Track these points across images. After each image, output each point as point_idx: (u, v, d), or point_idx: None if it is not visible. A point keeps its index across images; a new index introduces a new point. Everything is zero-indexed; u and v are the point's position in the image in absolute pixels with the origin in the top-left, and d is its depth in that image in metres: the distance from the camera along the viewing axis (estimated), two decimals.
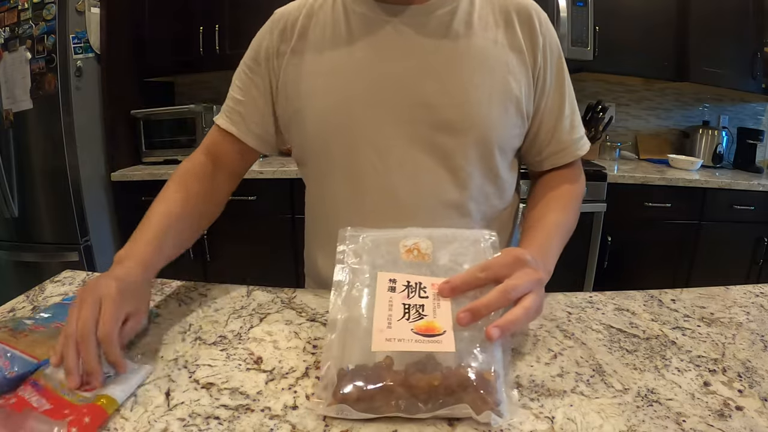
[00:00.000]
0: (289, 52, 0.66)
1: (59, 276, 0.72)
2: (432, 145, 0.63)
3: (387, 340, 0.39)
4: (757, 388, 0.43)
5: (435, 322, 0.40)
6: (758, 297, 0.63)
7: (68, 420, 0.36)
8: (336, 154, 0.65)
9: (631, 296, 0.63)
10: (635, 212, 2.00)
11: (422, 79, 0.61)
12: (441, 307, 0.42)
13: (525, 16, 0.64)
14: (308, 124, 0.66)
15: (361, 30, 0.63)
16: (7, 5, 1.89)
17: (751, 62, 2.20)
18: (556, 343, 0.52)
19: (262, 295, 0.64)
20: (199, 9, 2.09)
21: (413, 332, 0.39)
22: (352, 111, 0.63)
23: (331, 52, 0.64)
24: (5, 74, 1.91)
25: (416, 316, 0.41)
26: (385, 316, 0.41)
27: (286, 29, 0.67)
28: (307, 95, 0.65)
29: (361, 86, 0.62)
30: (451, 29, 0.62)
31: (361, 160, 0.64)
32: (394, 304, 0.42)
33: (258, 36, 0.70)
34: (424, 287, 0.44)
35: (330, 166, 0.66)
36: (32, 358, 0.44)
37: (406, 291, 0.43)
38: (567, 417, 0.39)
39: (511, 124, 0.65)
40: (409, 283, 0.44)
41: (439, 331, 0.39)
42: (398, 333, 0.39)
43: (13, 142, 1.93)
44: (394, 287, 0.44)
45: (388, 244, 0.49)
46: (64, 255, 1.98)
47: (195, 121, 2.10)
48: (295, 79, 0.66)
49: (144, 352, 0.51)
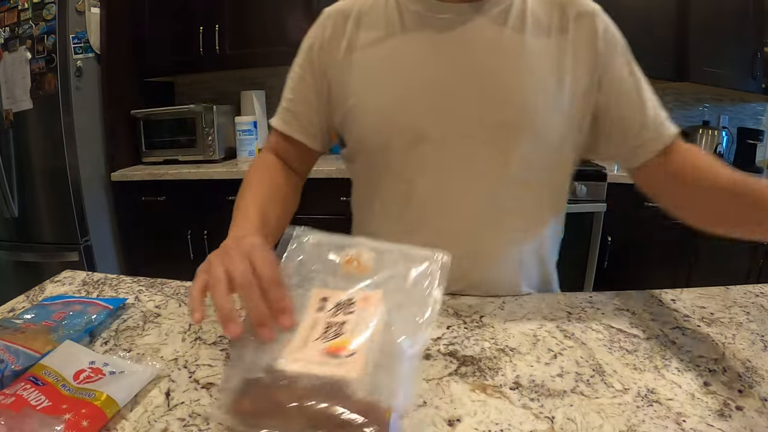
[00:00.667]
0: (343, 50, 0.66)
1: (59, 276, 0.72)
2: (490, 143, 0.62)
3: (295, 360, 0.38)
4: (757, 388, 0.43)
5: (350, 340, 0.39)
6: (758, 297, 0.63)
7: (66, 418, 0.36)
8: (393, 149, 0.64)
9: (631, 296, 0.63)
10: (635, 212, 2.00)
11: (479, 78, 0.61)
12: (364, 322, 0.41)
13: (580, 14, 0.61)
14: (365, 120, 0.65)
15: (416, 28, 0.62)
16: (7, 5, 1.89)
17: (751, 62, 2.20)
18: (556, 343, 0.52)
19: None
20: (199, 9, 2.09)
21: (324, 352, 0.38)
22: (409, 108, 0.62)
23: (387, 49, 0.63)
24: (5, 74, 1.91)
25: (334, 334, 0.40)
26: (305, 336, 0.40)
27: (337, 26, 0.66)
28: (363, 92, 0.65)
29: (417, 84, 0.62)
30: (506, 28, 0.61)
31: (417, 157, 0.63)
32: (318, 324, 0.41)
33: (309, 34, 0.70)
34: (353, 302, 0.43)
35: (386, 162, 0.66)
36: (34, 352, 0.45)
37: (334, 309, 0.42)
38: (567, 417, 0.39)
39: (566, 127, 0.63)
40: (340, 301, 0.43)
41: (350, 351, 0.38)
42: (310, 353, 0.38)
43: (13, 142, 1.93)
44: (323, 306, 0.43)
45: (331, 251, 0.48)
46: (64, 255, 1.98)
47: (195, 121, 2.10)
48: (349, 76, 0.65)
49: (144, 352, 0.51)
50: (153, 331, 0.55)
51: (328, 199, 1.68)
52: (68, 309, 0.56)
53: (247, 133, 2.10)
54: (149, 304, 0.63)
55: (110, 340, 0.53)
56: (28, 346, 0.45)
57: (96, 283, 0.70)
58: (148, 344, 0.52)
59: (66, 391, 0.40)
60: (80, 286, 0.69)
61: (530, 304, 0.61)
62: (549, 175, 0.66)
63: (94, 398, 0.39)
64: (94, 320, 0.55)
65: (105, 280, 0.71)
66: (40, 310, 0.55)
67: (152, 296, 0.65)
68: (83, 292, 0.67)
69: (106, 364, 0.45)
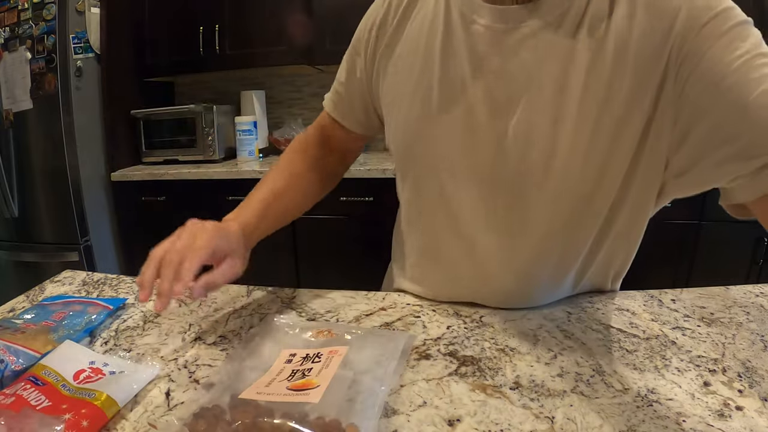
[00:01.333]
0: (388, 37, 0.58)
1: (59, 276, 0.72)
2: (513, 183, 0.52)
3: (258, 393, 0.39)
4: (757, 388, 0.43)
5: (314, 380, 0.40)
6: (758, 297, 0.63)
7: (66, 418, 0.36)
8: (413, 163, 0.60)
9: (631, 296, 0.63)
10: None
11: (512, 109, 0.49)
12: (329, 368, 0.42)
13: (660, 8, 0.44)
14: (394, 123, 0.60)
15: (458, 35, 0.52)
16: (7, 5, 1.89)
17: None
18: (556, 343, 0.52)
19: (262, 295, 0.64)
20: (199, 9, 2.09)
21: (287, 388, 0.39)
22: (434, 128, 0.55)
23: (424, 55, 0.54)
24: (5, 74, 1.91)
25: (300, 376, 0.41)
26: (270, 378, 0.41)
27: (390, 6, 0.58)
28: (396, 94, 0.59)
29: (448, 105, 0.53)
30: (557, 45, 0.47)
31: (431, 182, 0.58)
32: (284, 371, 0.42)
33: (370, 11, 0.61)
34: (320, 354, 0.44)
35: (406, 171, 0.62)
36: (34, 352, 0.45)
37: (302, 360, 0.44)
38: (567, 417, 0.39)
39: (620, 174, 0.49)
40: (308, 355, 0.45)
41: (313, 386, 0.39)
42: (272, 389, 0.39)
43: (13, 142, 1.93)
44: (291, 359, 0.44)
45: (307, 330, 0.51)
46: (64, 255, 1.98)
47: (195, 121, 2.10)
48: (387, 71, 0.59)
49: (144, 352, 0.51)
50: (153, 331, 0.55)
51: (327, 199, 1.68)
52: (68, 309, 0.56)
53: (247, 133, 2.10)
54: (149, 304, 0.63)
55: (110, 340, 0.53)
56: (28, 346, 0.45)
57: (96, 283, 0.70)
58: (148, 344, 0.52)
59: (66, 391, 0.40)
60: (80, 286, 0.69)
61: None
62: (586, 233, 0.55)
63: (94, 398, 0.39)
64: (94, 320, 0.55)
65: (105, 280, 0.71)
66: (40, 310, 0.55)
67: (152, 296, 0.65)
68: (83, 292, 0.67)
69: (106, 364, 0.45)
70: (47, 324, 0.52)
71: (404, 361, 0.47)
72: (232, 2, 2.06)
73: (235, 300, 0.63)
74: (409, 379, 0.45)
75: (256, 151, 2.13)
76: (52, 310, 0.55)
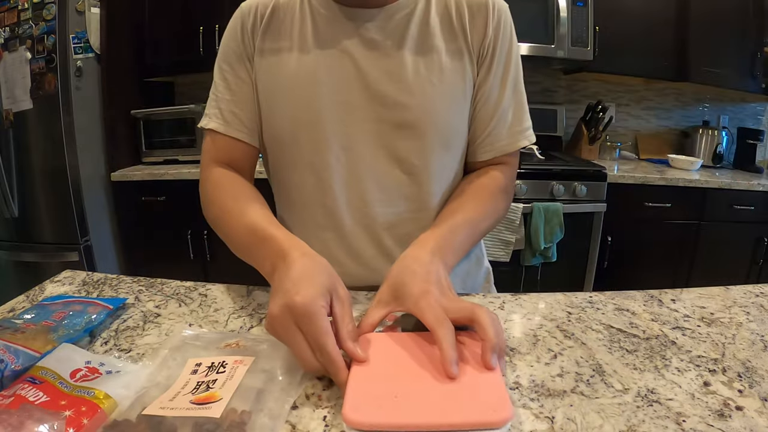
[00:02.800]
0: (257, 48, 0.67)
1: (59, 276, 0.72)
2: (393, 143, 0.66)
3: (161, 408, 0.38)
4: (757, 388, 0.43)
5: (217, 393, 0.40)
6: (758, 297, 0.63)
7: (66, 415, 0.36)
8: (304, 148, 0.67)
9: (631, 296, 0.63)
10: (635, 212, 2.00)
11: (384, 80, 0.64)
12: (233, 379, 0.42)
13: (477, 8, 0.66)
14: (277, 119, 0.68)
15: (327, 31, 0.65)
16: (7, 5, 1.89)
17: (751, 62, 2.20)
18: (556, 343, 0.52)
19: (262, 295, 0.64)
20: (199, 9, 2.09)
21: (190, 402, 0.39)
22: (320, 110, 0.65)
23: (298, 51, 0.65)
24: (5, 74, 1.91)
25: (204, 388, 0.41)
26: (175, 392, 0.41)
27: (256, 18, 0.67)
28: (276, 92, 0.67)
29: (329, 85, 0.65)
30: (409, 31, 0.65)
31: (327, 154, 0.66)
32: (189, 383, 0.42)
33: (228, 29, 0.70)
34: (225, 364, 0.44)
35: (298, 158, 0.68)
36: (34, 352, 0.45)
37: (207, 370, 0.44)
38: (567, 417, 0.39)
39: (464, 122, 0.69)
40: (213, 363, 0.44)
41: (216, 399, 0.39)
42: (176, 404, 0.39)
43: (13, 142, 1.93)
44: (197, 370, 0.44)
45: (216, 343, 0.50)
46: (64, 255, 1.98)
47: (195, 121, 2.10)
48: (263, 76, 0.67)
49: (144, 352, 0.51)
50: (153, 331, 0.55)
51: None
52: (68, 309, 0.56)
53: None
54: (149, 304, 0.63)
55: (110, 340, 0.53)
56: (28, 346, 0.45)
57: (96, 283, 0.70)
58: (148, 344, 0.52)
59: (64, 389, 0.40)
60: (80, 286, 0.69)
61: (530, 304, 0.61)
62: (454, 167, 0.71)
63: (93, 396, 0.39)
64: (94, 320, 0.55)
65: (105, 280, 0.71)
66: (40, 310, 0.55)
67: (152, 296, 0.65)
68: (83, 292, 0.67)
69: (102, 363, 0.45)
70: (47, 324, 0.51)
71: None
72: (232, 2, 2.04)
73: (235, 300, 0.63)
74: None
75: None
76: (52, 310, 0.55)
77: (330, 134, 0.65)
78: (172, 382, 0.42)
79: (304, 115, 0.66)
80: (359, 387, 0.40)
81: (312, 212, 0.70)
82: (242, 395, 0.40)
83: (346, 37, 0.65)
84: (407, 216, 0.69)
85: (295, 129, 0.67)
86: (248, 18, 0.68)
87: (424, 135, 0.65)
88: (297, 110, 0.66)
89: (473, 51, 0.66)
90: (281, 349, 0.46)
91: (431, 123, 0.65)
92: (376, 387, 0.40)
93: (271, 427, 0.38)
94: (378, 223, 0.69)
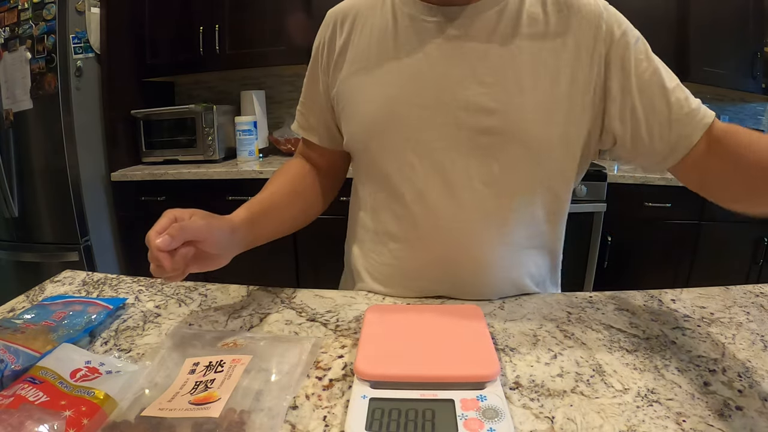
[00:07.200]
0: (338, 51, 0.66)
1: (59, 276, 0.72)
2: (474, 150, 0.60)
3: (160, 409, 0.39)
4: (757, 388, 0.43)
5: (215, 392, 0.40)
6: (758, 297, 0.63)
7: (66, 415, 0.36)
8: (376, 154, 0.65)
9: (631, 296, 0.63)
10: (635, 212, 2.00)
11: (466, 83, 0.59)
12: (231, 378, 0.42)
13: (582, 14, 0.58)
14: (353, 123, 0.66)
15: (408, 31, 0.61)
16: (7, 5, 1.89)
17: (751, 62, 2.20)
18: (556, 343, 0.52)
19: (262, 295, 0.64)
20: (199, 9, 2.09)
21: (189, 403, 0.39)
22: (395, 111, 0.62)
23: (378, 53, 0.63)
24: (5, 74, 1.91)
25: (202, 388, 0.41)
26: (174, 392, 0.41)
27: (336, 27, 0.67)
28: (355, 94, 0.65)
29: (406, 88, 0.61)
30: (497, 31, 0.58)
31: (400, 161, 0.63)
32: (188, 383, 0.42)
33: (317, 36, 0.71)
34: (223, 363, 0.45)
35: (370, 164, 0.67)
36: (34, 352, 0.45)
37: (205, 370, 0.44)
38: (567, 417, 0.39)
39: (563, 132, 0.59)
40: (211, 363, 0.45)
41: (214, 399, 0.39)
42: (175, 404, 0.39)
43: (13, 142, 1.93)
44: (194, 369, 0.44)
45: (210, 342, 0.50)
46: (64, 255, 1.98)
47: (195, 121, 2.10)
48: (343, 78, 0.66)
49: (144, 352, 0.51)
50: (153, 331, 0.55)
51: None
52: (68, 309, 0.56)
53: (247, 133, 2.10)
54: (149, 304, 0.63)
55: (110, 340, 0.53)
56: (28, 346, 0.45)
57: (96, 283, 0.70)
58: (148, 344, 0.52)
59: (64, 389, 0.40)
60: (80, 286, 0.69)
61: (530, 304, 0.61)
62: (543, 182, 0.62)
63: (93, 396, 0.39)
64: (94, 320, 0.55)
65: (105, 280, 0.71)
66: (40, 310, 0.55)
67: (152, 296, 0.65)
68: (83, 292, 0.67)
69: (102, 363, 0.45)
70: (47, 324, 0.52)
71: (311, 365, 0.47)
72: (232, 2, 2.06)
73: (235, 300, 0.63)
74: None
75: (256, 151, 2.13)
76: (52, 310, 0.55)
77: (404, 141, 0.62)
78: (171, 382, 0.43)
79: (377, 123, 0.63)
80: (370, 346, 0.46)
81: (383, 219, 0.67)
82: (241, 395, 0.40)
83: (428, 38, 0.60)
84: (483, 235, 0.63)
85: (367, 137, 0.65)
86: (330, 23, 0.68)
87: (508, 144, 0.59)
88: (371, 111, 0.63)
89: (580, 57, 0.57)
90: (279, 347, 0.47)
91: (517, 132, 0.58)
92: (383, 346, 0.46)
93: (271, 426, 0.38)
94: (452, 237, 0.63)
